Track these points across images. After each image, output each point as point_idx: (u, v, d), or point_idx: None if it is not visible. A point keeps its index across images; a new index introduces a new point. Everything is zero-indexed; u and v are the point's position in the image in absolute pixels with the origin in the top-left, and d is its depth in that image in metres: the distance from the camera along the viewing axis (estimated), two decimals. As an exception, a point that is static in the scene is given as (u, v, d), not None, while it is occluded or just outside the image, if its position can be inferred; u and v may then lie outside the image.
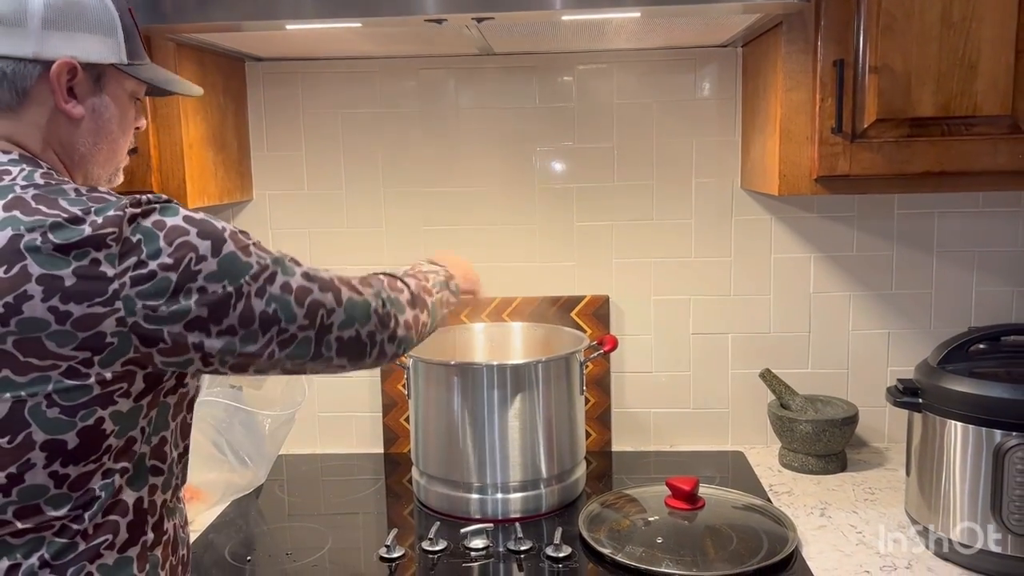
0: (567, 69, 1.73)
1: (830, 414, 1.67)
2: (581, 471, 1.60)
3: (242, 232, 0.91)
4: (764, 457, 1.74)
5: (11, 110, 0.90)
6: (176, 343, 0.86)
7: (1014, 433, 1.19)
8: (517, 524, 1.42)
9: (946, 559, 1.29)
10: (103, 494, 0.86)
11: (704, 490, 1.47)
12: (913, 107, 1.33)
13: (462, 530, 1.39)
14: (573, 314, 1.77)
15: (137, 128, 1.03)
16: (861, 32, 1.31)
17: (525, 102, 1.74)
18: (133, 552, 0.89)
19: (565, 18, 1.28)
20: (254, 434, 1.61)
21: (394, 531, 1.39)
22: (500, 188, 1.77)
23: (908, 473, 1.36)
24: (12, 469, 0.82)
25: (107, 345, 0.83)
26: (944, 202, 1.70)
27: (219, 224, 0.88)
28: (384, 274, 1.11)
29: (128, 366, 0.85)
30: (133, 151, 1.06)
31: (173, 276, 0.84)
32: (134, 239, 0.83)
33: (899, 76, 1.32)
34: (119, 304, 0.82)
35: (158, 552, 0.92)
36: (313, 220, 1.79)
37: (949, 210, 1.70)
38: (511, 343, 1.74)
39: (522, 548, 1.36)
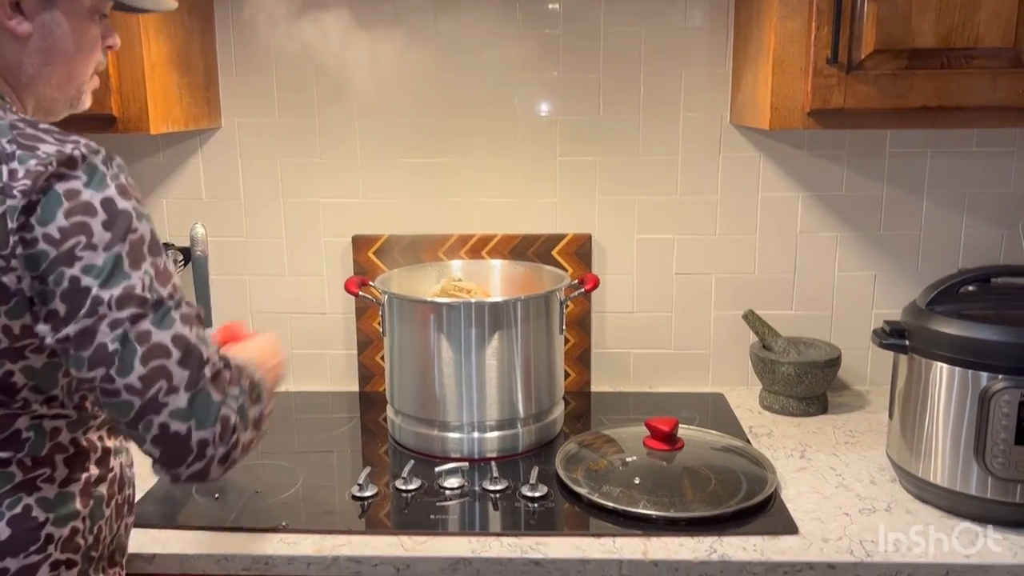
0: (552, -6, 1.65)
1: (812, 356, 1.64)
2: (559, 411, 1.57)
3: (154, 246, 0.81)
4: (745, 399, 1.72)
5: None
6: (45, 317, 0.79)
7: (1001, 376, 1.16)
8: (493, 463, 1.40)
9: (926, 502, 1.27)
10: (32, 434, 0.84)
11: (683, 431, 1.45)
12: (913, 37, 1.27)
13: (436, 469, 1.36)
14: (554, 252, 1.72)
15: (109, 47, 0.96)
16: (862, -45, 1.25)
17: (508, 28, 1.66)
18: (75, 488, 0.87)
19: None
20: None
21: (367, 469, 1.36)
22: (480, 119, 1.70)
23: (891, 416, 1.34)
24: None
25: (12, 295, 0.78)
26: (937, 141, 1.65)
27: (134, 223, 0.79)
28: (250, 374, 0.90)
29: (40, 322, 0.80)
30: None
31: (52, 252, 0.76)
32: (35, 198, 0.76)
33: (899, 4, 1.26)
34: (15, 263, 0.77)
35: (103, 489, 0.90)
36: (284, 150, 1.72)
37: (942, 149, 1.66)
38: (490, 281, 1.69)
39: (497, 487, 1.33)
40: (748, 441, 1.51)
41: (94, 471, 0.89)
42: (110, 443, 0.93)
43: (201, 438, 0.80)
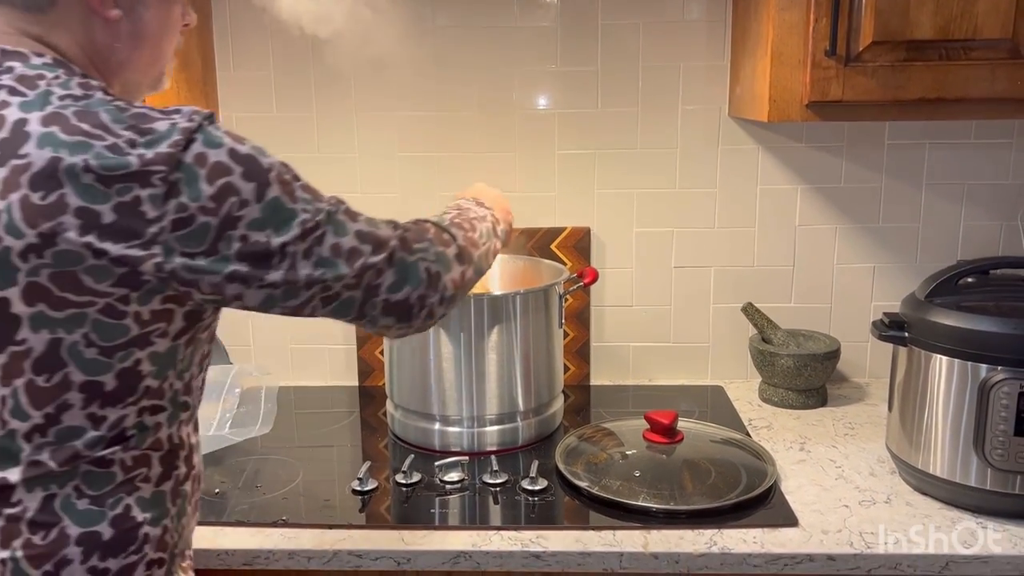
0: (550, -13, 1.65)
1: (812, 348, 1.64)
2: (558, 404, 1.57)
3: (288, 170, 0.84)
4: (744, 392, 1.72)
5: (40, 11, 0.82)
6: (215, 290, 0.81)
7: (1000, 368, 1.16)
8: (493, 457, 1.40)
9: (926, 494, 1.28)
10: (136, 431, 0.83)
11: (683, 424, 1.45)
12: (911, 29, 1.27)
13: (436, 463, 1.36)
14: (553, 246, 1.72)
15: (186, 25, 0.95)
16: (860, -53, 1.25)
17: (505, 21, 1.66)
18: (167, 486, 0.87)
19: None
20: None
21: (367, 464, 1.36)
22: (479, 113, 1.70)
23: (890, 408, 1.34)
24: (49, 409, 0.78)
25: (144, 283, 0.77)
26: (936, 133, 1.65)
27: (265, 161, 0.81)
28: (431, 223, 1.03)
29: (167, 304, 0.80)
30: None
31: (213, 221, 0.77)
32: (174, 178, 0.76)
33: (898, -5, 1.26)
34: (157, 249, 0.76)
35: (188, 487, 0.91)
36: (282, 144, 1.68)
37: (940, 141, 1.65)
38: (489, 274, 1.69)
39: (498, 481, 1.33)
40: (748, 434, 1.51)
41: (182, 469, 0.89)
42: (195, 439, 0.93)
43: (418, 295, 0.93)
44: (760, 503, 1.25)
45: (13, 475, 0.79)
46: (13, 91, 0.77)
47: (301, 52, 1.67)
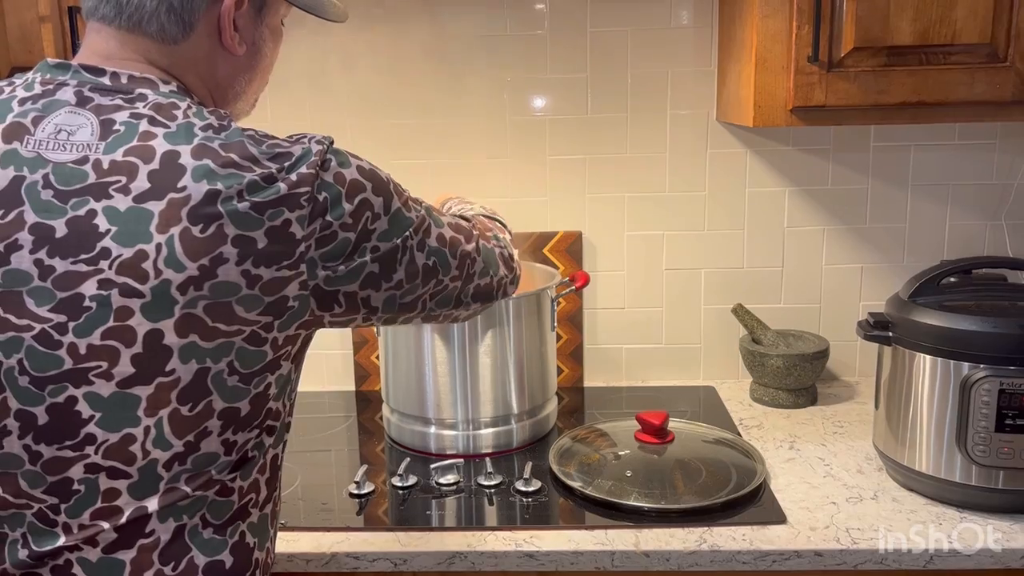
0: (539, -4, 1.67)
1: (801, 349, 1.67)
2: (552, 407, 1.60)
3: (396, 181, 0.89)
4: (735, 392, 1.75)
5: (174, 42, 0.83)
6: (349, 303, 0.84)
7: (981, 365, 1.19)
8: (488, 459, 1.42)
9: (911, 490, 1.30)
10: (256, 453, 0.85)
11: (674, 424, 1.47)
12: (891, 35, 1.30)
13: (432, 466, 1.39)
14: (546, 250, 1.74)
15: None
16: (840, -45, 1.27)
17: (496, 30, 1.69)
18: (268, 509, 0.89)
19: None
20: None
21: (364, 467, 1.39)
22: (470, 120, 1.73)
23: (876, 406, 1.36)
24: (190, 437, 0.79)
25: (288, 309, 0.80)
26: (920, 135, 1.68)
27: (383, 175, 0.86)
28: (480, 215, 1.12)
29: (299, 329, 0.83)
30: None
31: (352, 236, 0.81)
32: (321, 198, 0.79)
33: (877, 3, 1.28)
34: (303, 267, 0.79)
35: (278, 508, 0.93)
36: None
37: (925, 143, 1.68)
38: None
39: (492, 483, 1.36)
40: (738, 433, 1.53)
41: (278, 491, 0.91)
42: (281, 460, 0.93)
43: (499, 278, 1.03)
44: (750, 501, 1.28)
45: (152, 504, 0.79)
46: (154, 121, 0.78)
47: (294, 61, 1.70)
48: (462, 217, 1.04)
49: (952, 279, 1.34)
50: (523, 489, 1.33)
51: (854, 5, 1.28)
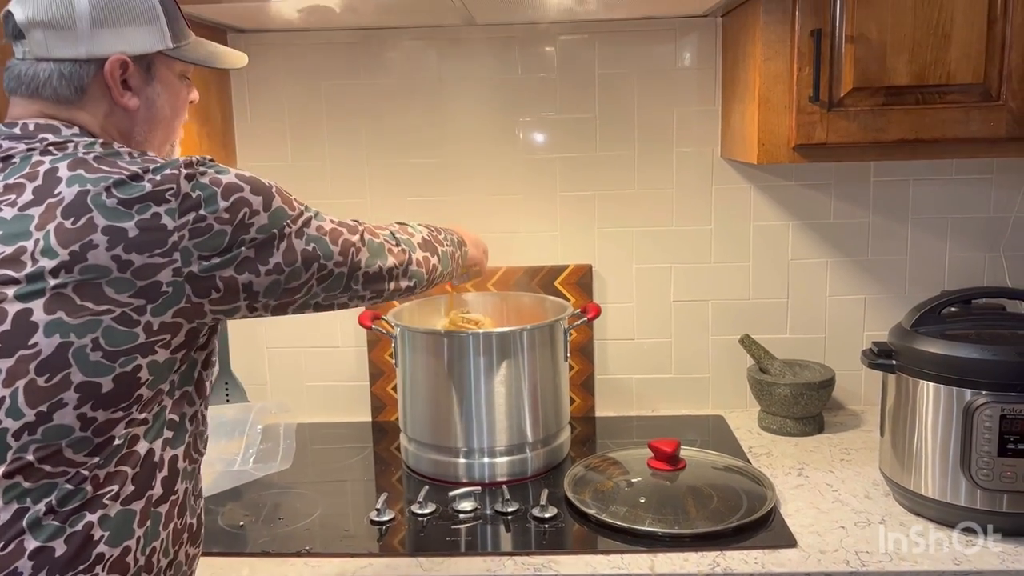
0: (549, 39, 1.74)
1: (807, 378, 1.71)
2: (566, 435, 1.63)
3: (287, 192, 0.98)
4: (744, 420, 1.79)
5: (70, 102, 0.95)
6: (228, 288, 0.91)
7: (983, 392, 1.23)
8: (504, 487, 1.46)
9: (918, 514, 1.33)
10: (121, 441, 0.88)
11: (685, 452, 1.51)
12: (888, 76, 1.36)
13: (450, 493, 1.42)
14: (557, 283, 1.79)
15: (191, 102, 1.07)
16: (838, 2, 1.34)
17: (508, 73, 1.76)
18: (136, 506, 0.89)
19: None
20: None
21: (384, 495, 1.42)
22: (483, 159, 1.79)
23: (882, 433, 1.40)
24: (43, 407, 0.84)
25: (162, 294, 0.87)
26: (919, 170, 1.73)
27: (265, 181, 0.95)
28: (397, 223, 1.22)
29: (177, 317, 0.89)
30: None
31: (229, 229, 0.90)
32: (194, 195, 0.88)
33: (875, 45, 1.34)
34: (176, 255, 0.87)
35: (162, 510, 0.92)
36: (296, 191, 1.72)
37: (923, 178, 1.74)
38: (496, 312, 1.76)
39: (509, 510, 1.39)
40: (748, 460, 1.57)
41: (157, 490, 0.91)
42: (181, 464, 0.95)
43: (388, 267, 1.09)
44: (761, 526, 1.31)
45: None
46: (45, 152, 0.91)
47: (314, 105, 1.76)
48: (356, 221, 1.11)
49: (953, 309, 1.39)
50: (540, 516, 1.37)
51: (852, 48, 1.35)
